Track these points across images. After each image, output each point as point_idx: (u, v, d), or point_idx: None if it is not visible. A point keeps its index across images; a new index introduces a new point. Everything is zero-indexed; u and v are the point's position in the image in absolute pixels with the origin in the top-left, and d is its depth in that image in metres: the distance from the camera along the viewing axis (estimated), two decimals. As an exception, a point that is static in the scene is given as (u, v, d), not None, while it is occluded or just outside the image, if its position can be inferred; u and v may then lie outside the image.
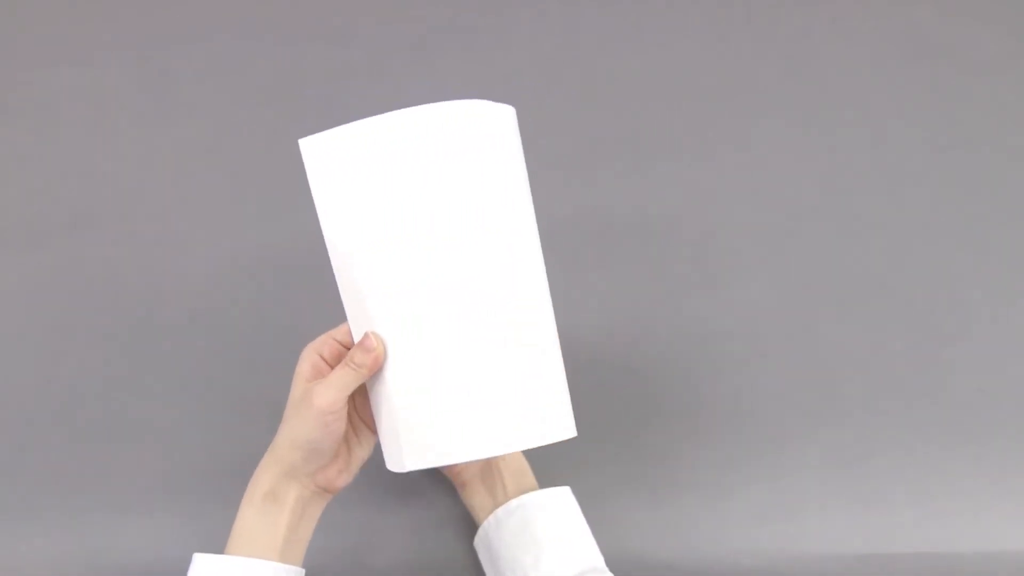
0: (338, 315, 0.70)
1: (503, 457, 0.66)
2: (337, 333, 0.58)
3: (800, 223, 0.82)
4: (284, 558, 0.56)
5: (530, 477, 0.68)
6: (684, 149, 0.85)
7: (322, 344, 0.58)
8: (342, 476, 0.59)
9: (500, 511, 0.65)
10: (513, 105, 0.56)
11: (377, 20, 0.86)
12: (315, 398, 0.54)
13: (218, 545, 0.64)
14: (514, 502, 0.65)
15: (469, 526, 0.69)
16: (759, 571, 0.69)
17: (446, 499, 0.72)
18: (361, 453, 0.61)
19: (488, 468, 0.68)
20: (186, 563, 0.58)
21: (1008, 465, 0.72)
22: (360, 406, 0.61)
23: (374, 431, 0.60)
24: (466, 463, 0.65)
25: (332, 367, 0.57)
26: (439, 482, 0.72)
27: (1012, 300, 0.79)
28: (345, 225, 0.55)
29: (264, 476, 0.57)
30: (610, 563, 0.64)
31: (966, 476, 0.72)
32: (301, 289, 0.78)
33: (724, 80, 0.87)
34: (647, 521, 0.71)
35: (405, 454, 0.54)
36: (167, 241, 0.80)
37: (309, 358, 0.57)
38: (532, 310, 0.55)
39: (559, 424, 0.55)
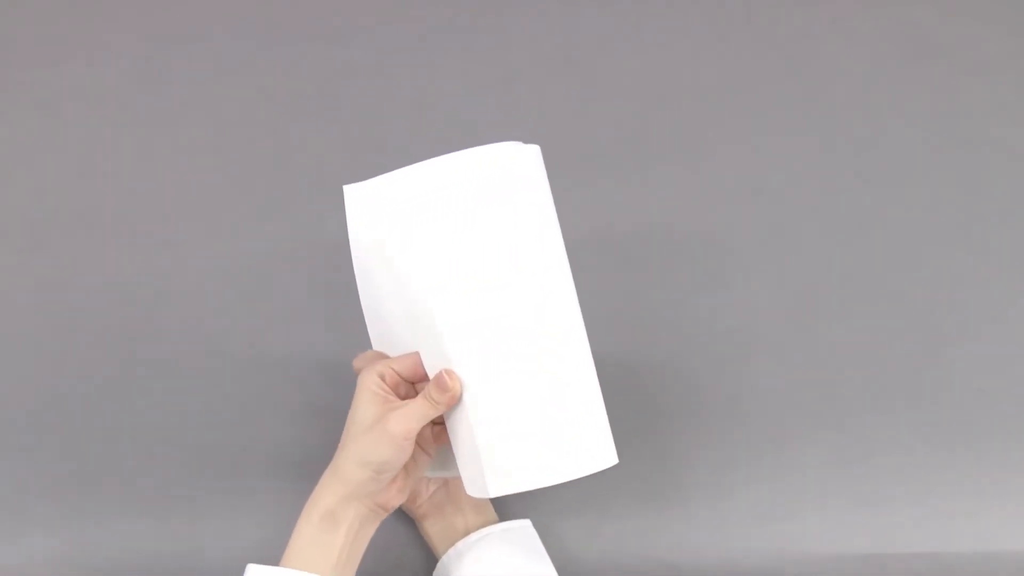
0: (336, 316, 0.70)
1: (461, 488, 0.68)
2: (396, 363, 0.60)
3: (800, 223, 0.82)
4: (337, 574, 0.58)
5: (490, 508, 0.69)
6: (683, 150, 0.85)
7: (383, 370, 0.59)
8: (399, 495, 0.61)
9: (460, 544, 0.66)
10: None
11: (377, 20, 0.86)
12: (391, 425, 0.56)
13: (218, 544, 0.64)
14: (474, 535, 0.66)
15: (428, 559, 0.69)
16: (759, 571, 0.69)
17: (403, 531, 0.72)
18: (417, 474, 0.62)
19: (447, 500, 0.69)
20: (185, 563, 0.58)
21: (1008, 465, 0.72)
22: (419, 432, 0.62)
23: (428, 454, 0.63)
24: (428, 495, 0.69)
25: (394, 392, 0.59)
26: (396, 513, 0.72)
27: (1012, 300, 0.79)
28: (411, 264, 0.58)
29: (325, 495, 0.58)
30: (609, 563, 0.64)
31: (966, 476, 0.72)
32: (302, 289, 0.78)
33: (723, 80, 0.87)
34: (647, 521, 0.71)
35: (488, 481, 0.57)
36: (167, 241, 0.80)
37: (372, 382, 0.59)
38: (577, 337, 0.59)
39: (608, 448, 0.59)
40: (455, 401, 0.57)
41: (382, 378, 0.59)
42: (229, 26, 0.85)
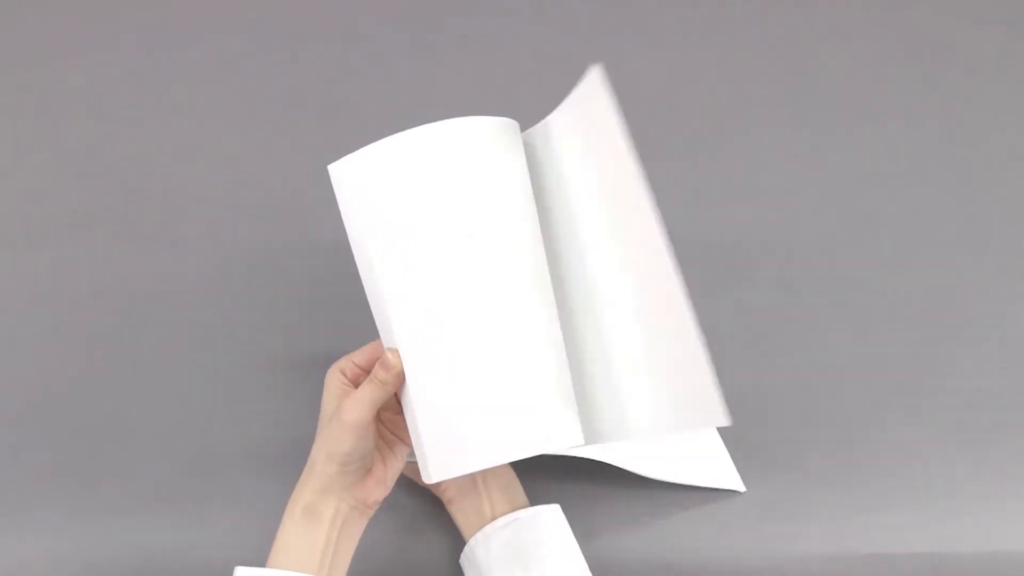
0: (336, 316, 0.70)
1: (491, 471, 0.67)
2: (356, 355, 0.60)
3: (800, 224, 0.82)
4: (325, 572, 0.58)
5: (519, 492, 0.68)
6: (683, 151, 0.85)
7: (344, 365, 0.60)
8: (378, 489, 0.61)
9: (488, 527, 0.65)
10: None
11: (377, 20, 0.86)
12: (344, 413, 0.56)
13: (218, 544, 0.64)
14: (502, 519, 0.65)
15: (455, 541, 0.69)
16: (759, 571, 0.69)
17: (432, 514, 0.71)
18: (396, 465, 0.62)
19: (475, 483, 0.68)
20: (185, 563, 0.58)
21: (1008, 465, 0.72)
22: (391, 420, 0.62)
23: (407, 444, 0.62)
24: (453, 479, 0.67)
25: (354, 385, 0.60)
26: (424, 496, 0.72)
27: (1012, 300, 0.79)
28: (366, 241, 0.57)
29: (303, 491, 0.59)
30: (609, 563, 0.64)
31: (966, 476, 0.72)
32: (301, 288, 0.78)
33: (724, 81, 0.87)
34: (647, 521, 0.71)
35: (430, 465, 0.56)
36: (167, 241, 0.80)
37: (334, 377, 0.60)
38: (540, 320, 0.56)
39: (568, 430, 0.56)
40: (400, 380, 0.56)
41: (343, 373, 0.60)
42: (229, 26, 0.85)
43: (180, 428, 0.75)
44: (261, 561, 0.58)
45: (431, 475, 0.56)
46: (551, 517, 0.66)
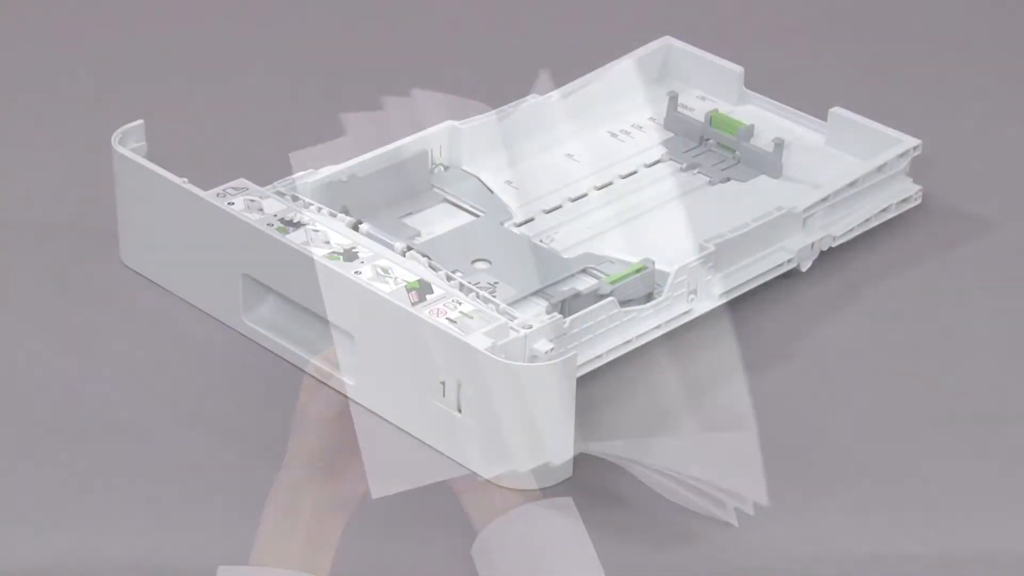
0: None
1: None
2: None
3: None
4: (307, 567, 0.57)
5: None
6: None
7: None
8: (358, 484, 0.60)
9: (500, 519, 0.65)
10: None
11: (377, 20, 0.86)
12: (309, 410, 0.57)
13: (217, 545, 0.64)
14: (515, 511, 0.65)
15: (467, 534, 0.69)
16: (759, 571, 0.69)
17: (443, 504, 0.71)
18: None
19: None
20: (184, 564, 0.58)
21: (1008, 465, 0.72)
22: None
23: None
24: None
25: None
26: (435, 486, 0.72)
27: (1013, 296, 0.79)
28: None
29: (279, 487, 0.59)
30: (610, 564, 0.64)
31: (966, 476, 0.71)
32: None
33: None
34: (647, 521, 0.71)
35: (370, 480, 0.54)
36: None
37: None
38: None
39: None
40: None
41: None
42: (229, 26, 0.86)
43: (180, 428, 0.75)
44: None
45: (371, 490, 0.53)
46: (563, 510, 0.66)
